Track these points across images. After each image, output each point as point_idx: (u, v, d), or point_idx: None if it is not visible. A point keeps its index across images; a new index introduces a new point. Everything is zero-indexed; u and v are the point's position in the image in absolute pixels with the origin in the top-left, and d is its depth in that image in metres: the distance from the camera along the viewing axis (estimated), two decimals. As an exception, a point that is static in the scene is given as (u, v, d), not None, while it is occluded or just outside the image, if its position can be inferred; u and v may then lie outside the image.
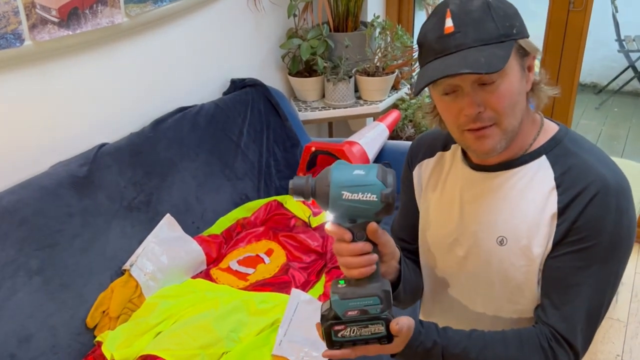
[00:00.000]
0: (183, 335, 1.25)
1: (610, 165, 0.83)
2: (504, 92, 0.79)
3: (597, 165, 0.82)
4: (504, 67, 0.76)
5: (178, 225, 1.65)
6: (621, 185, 0.81)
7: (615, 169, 0.83)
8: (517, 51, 0.81)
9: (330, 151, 1.94)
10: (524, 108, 0.83)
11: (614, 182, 0.80)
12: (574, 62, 2.39)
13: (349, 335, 0.78)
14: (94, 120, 1.65)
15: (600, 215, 0.80)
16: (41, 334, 1.28)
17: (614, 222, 0.80)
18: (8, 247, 1.28)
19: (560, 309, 0.84)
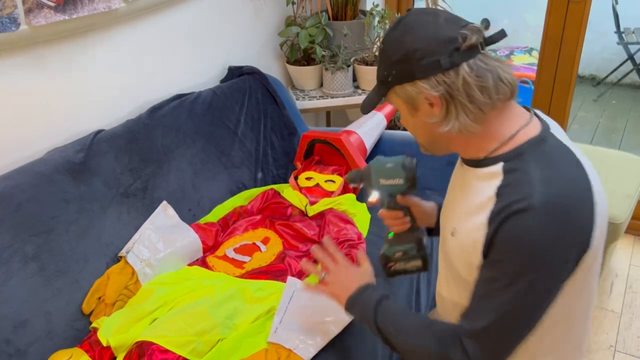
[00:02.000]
0: (179, 321, 1.25)
1: (554, 184, 0.79)
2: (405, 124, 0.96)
3: (537, 182, 0.80)
4: (371, 110, 0.97)
5: (175, 213, 1.64)
6: (552, 205, 0.78)
7: (557, 188, 0.79)
8: (399, 96, 0.90)
9: (328, 140, 1.94)
10: (437, 135, 0.90)
11: (542, 202, 0.78)
12: (573, 53, 2.38)
13: (397, 268, 1.17)
14: (91, 106, 1.64)
15: (515, 234, 0.79)
16: (36, 319, 1.28)
17: (529, 242, 0.78)
18: (3, 233, 1.27)
19: (468, 315, 0.89)
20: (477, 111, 0.85)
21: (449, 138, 0.90)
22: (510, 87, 0.85)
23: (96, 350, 1.26)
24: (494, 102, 0.85)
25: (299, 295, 1.38)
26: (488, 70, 0.83)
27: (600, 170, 2.05)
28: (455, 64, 0.83)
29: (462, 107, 0.84)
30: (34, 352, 1.25)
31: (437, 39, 0.84)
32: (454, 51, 0.83)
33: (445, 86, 0.84)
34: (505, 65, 0.86)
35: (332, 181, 1.89)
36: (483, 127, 0.87)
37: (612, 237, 1.87)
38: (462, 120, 0.85)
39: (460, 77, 0.83)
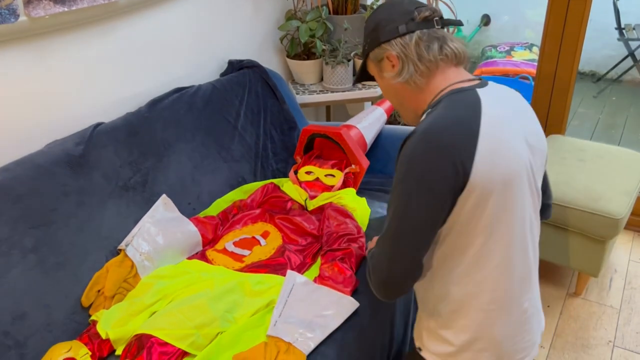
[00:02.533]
0: (178, 315, 1.25)
1: (439, 119, 0.97)
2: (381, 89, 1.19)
3: (430, 118, 0.99)
4: (359, 81, 1.28)
5: (174, 206, 1.64)
6: (428, 132, 0.95)
7: (438, 122, 0.96)
8: (372, 60, 1.16)
9: (328, 134, 1.93)
10: (403, 97, 1.13)
11: (422, 130, 0.96)
12: (573, 49, 2.38)
13: None
14: (90, 99, 1.64)
15: (401, 153, 0.99)
16: (35, 312, 1.27)
17: (406, 157, 0.97)
18: (2, 225, 1.27)
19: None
20: (424, 67, 1.07)
21: (405, 95, 1.12)
22: (454, 52, 1.07)
23: (95, 343, 1.26)
24: (437, 61, 1.07)
25: (299, 289, 1.38)
26: (436, 38, 1.07)
27: (600, 166, 2.06)
28: (410, 30, 1.07)
29: (412, 63, 1.07)
30: (32, 345, 1.24)
31: (398, 12, 1.09)
32: (410, 21, 1.08)
33: (401, 47, 1.08)
34: (456, 39, 1.10)
35: (332, 175, 1.89)
36: (427, 81, 1.08)
37: (611, 233, 1.87)
38: (411, 73, 1.07)
39: (413, 41, 1.07)
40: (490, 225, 0.99)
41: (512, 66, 4.30)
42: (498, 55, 4.66)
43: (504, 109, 1.02)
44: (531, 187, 1.05)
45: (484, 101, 1.00)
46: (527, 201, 1.03)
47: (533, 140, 1.06)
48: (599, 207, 1.88)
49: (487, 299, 1.03)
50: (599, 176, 2.03)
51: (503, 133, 0.98)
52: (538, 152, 1.07)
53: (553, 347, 1.91)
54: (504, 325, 1.05)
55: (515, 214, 1.00)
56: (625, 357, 1.85)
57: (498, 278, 1.02)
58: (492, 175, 0.95)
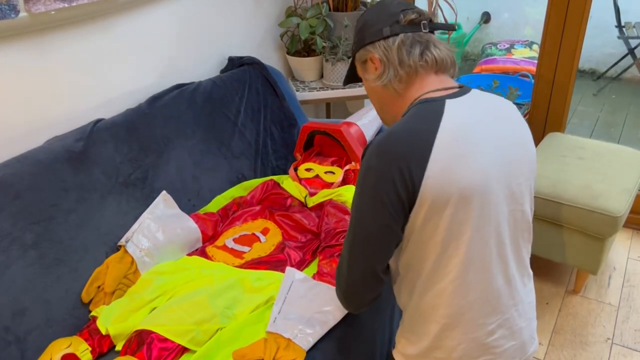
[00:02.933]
0: (178, 311, 1.25)
1: (393, 131, 0.96)
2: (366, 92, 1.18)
3: (391, 128, 0.99)
4: (347, 83, 1.28)
5: (174, 203, 1.64)
6: (381, 144, 0.96)
7: (392, 134, 0.96)
8: (358, 61, 1.16)
9: (328, 132, 1.93)
10: (383, 100, 1.12)
11: (377, 141, 0.97)
12: (573, 47, 2.37)
13: None
14: (90, 95, 1.64)
15: (361, 162, 1.00)
16: (36, 307, 1.28)
17: (363, 167, 0.98)
18: (2, 221, 1.27)
19: None
20: (404, 73, 1.05)
21: (385, 99, 1.11)
22: (435, 58, 1.05)
23: (95, 339, 1.27)
24: (417, 67, 1.05)
25: (298, 286, 1.38)
26: (419, 42, 1.05)
27: (599, 164, 2.06)
28: (394, 33, 1.06)
29: (393, 67, 1.06)
30: (33, 340, 1.25)
31: (384, 14, 1.08)
32: (395, 23, 1.06)
33: (383, 50, 1.06)
34: (442, 45, 1.07)
35: (331, 172, 1.89)
36: (405, 87, 1.07)
37: (611, 231, 1.87)
38: (390, 77, 1.06)
39: (396, 44, 1.05)
40: (443, 241, 0.96)
41: (512, 64, 4.30)
42: (498, 52, 4.66)
43: (471, 119, 0.98)
44: (506, 203, 1.00)
45: (448, 112, 0.97)
46: (496, 218, 0.98)
47: (514, 151, 1.01)
48: (598, 205, 1.88)
49: (442, 313, 1.01)
50: (598, 174, 2.04)
51: (462, 146, 0.94)
52: (521, 164, 1.03)
53: (551, 344, 1.91)
54: (462, 342, 1.02)
55: (476, 231, 0.96)
56: (624, 355, 1.85)
57: (453, 293, 0.99)
58: (445, 189, 0.93)
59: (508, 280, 1.04)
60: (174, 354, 1.18)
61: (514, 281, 1.05)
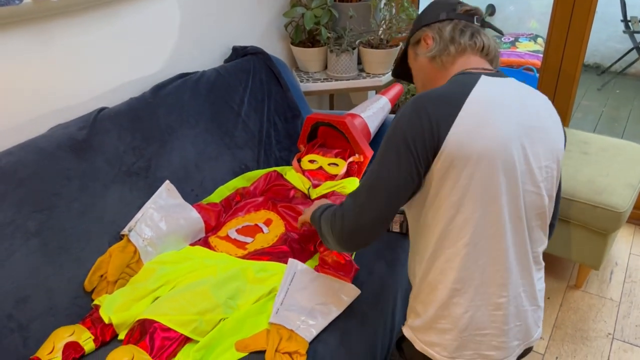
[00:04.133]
0: (181, 300, 1.25)
1: (429, 91, 1.04)
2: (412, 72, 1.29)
3: (427, 90, 1.07)
4: (397, 72, 1.41)
5: (177, 192, 1.64)
6: (415, 99, 1.03)
7: (426, 94, 1.03)
8: (411, 44, 1.27)
9: (332, 123, 1.93)
10: (428, 75, 1.21)
11: (413, 98, 1.04)
12: (580, 41, 2.36)
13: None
14: (93, 83, 1.63)
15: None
16: (38, 295, 1.27)
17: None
18: (6, 208, 1.27)
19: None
20: (453, 49, 1.15)
21: (430, 73, 1.20)
22: (484, 43, 1.15)
23: (98, 328, 1.27)
24: (465, 46, 1.15)
25: (300, 277, 1.38)
26: (471, 28, 1.17)
27: (603, 159, 2.05)
28: (450, 18, 1.18)
29: (444, 43, 1.16)
30: (35, 328, 1.25)
31: (443, 3, 1.21)
32: (452, 11, 1.19)
33: (437, 29, 1.18)
34: (491, 37, 1.18)
35: (335, 164, 1.88)
36: (452, 61, 1.16)
37: (614, 226, 1.87)
38: (440, 50, 1.16)
39: (450, 25, 1.17)
40: (459, 201, 1.00)
41: (516, 57, 4.28)
42: (503, 45, 4.63)
43: (501, 95, 1.03)
44: (523, 180, 1.03)
45: (480, 84, 1.04)
46: (514, 191, 1.01)
47: (538, 135, 1.04)
48: (601, 200, 1.88)
49: (452, 277, 1.03)
50: (602, 169, 2.03)
51: (487, 114, 0.99)
52: (544, 149, 1.05)
53: (552, 339, 1.91)
54: (468, 310, 1.04)
55: (489, 197, 0.99)
56: (624, 350, 1.86)
57: (465, 257, 1.02)
58: (465, 148, 0.97)
59: (521, 257, 1.07)
60: (177, 344, 1.18)
61: (527, 262, 1.08)
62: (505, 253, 1.03)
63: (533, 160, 1.04)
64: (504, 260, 1.03)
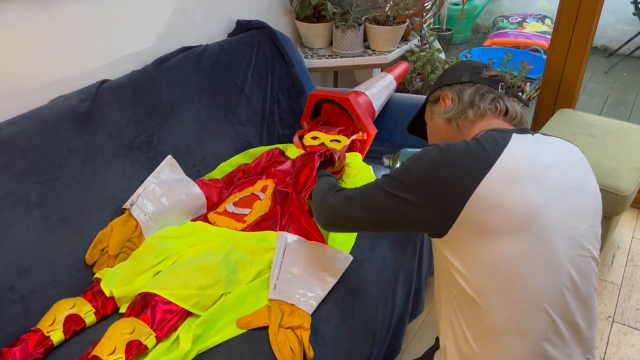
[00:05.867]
0: (182, 275, 1.24)
1: (458, 142, 0.96)
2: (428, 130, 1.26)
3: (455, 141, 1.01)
4: (412, 129, 1.41)
5: (179, 168, 1.62)
6: (448, 144, 0.95)
7: (450, 147, 0.95)
8: (430, 102, 1.24)
9: (336, 100, 1.90)
10: (442, 137, 1.16)
11: (445, 143, 0.97)
12: (589, 22, 2.32)
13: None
14: (95, 54, 1.60)
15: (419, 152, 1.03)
16: (40, 267, 1.27)
17: (416, 155, 0.98)
18: (7, 179, 1.26)
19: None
20: (472, 113, 1.10)
21: (446, 136, 1.15)
22: (507, 108, 1.08)
23: (99, 301, 1.26)
24: (485, 111, 1.09)
25: (291, 249, 1.38)
26: (493, 94, 1.11)
27: (610, 142, 2.03)
28: (472, 81, 1.13)
29: (463, 106, 1.11)
30: (37, 300, 1.25)
31: (468, 66, 1.17)
32: (476, 74, 1.14)
33: (458, 91, 1.14)
34: (516, 103, 1.12)
35: (337, 141, 1.86)
36: (469, 126, 1.10)
37: (618, 209, 1.86)
38: (457, 113, 1.12)
39: (472, 89, 1.12)
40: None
41: (523, 38, 4.23)
42: (510, 26, 4.57)
43: (534, 153, 0.94)
44: (569, 245, 0.92)
45: (513, 142, 0.94)
46: (556, 259, 0.90)
47: (577, 194, 0.95)
48: (607, 183, 1.86)
49: None
50: (608, 152, 2.01)
51: (521, 174, 0.90)
52: (585, 209, 0.95)
53: (552, 321, 1.92)
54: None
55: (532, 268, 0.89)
56: (624, 333, 1.86)
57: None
58: (492, 211, 0.88)
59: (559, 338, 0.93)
60: (178, 317, 1.18)
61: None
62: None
63: (576, 226, 0.93)
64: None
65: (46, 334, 1.17)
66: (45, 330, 1.17)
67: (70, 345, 1.19)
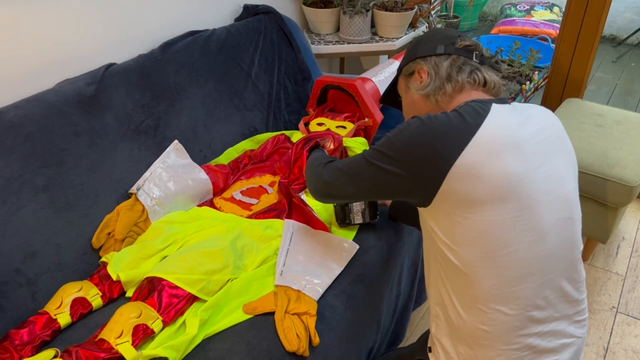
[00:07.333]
0: (189, 260, 1.24)
1: (437, 114, 0.96)
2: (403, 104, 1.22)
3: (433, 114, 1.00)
4: (385, 101, 1.37)
5: (186, 153, 1.62)
6: (429, 116, 0.96)
7: (436, 115, 0.96)
8: (403, 75, 1.20)
9: (342, 86, 1.89)
10: (419, 112, 1.13)
11: (417, 117, 0.97)
12: (599, 10, 2.29)
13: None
14: (101, 38, 1.59)
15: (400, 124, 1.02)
16: (46, 251, 1.27)
17: (398, 127, 0.98)
18: (13, 162, 1.26)
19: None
20: (450, 88, 1.07)
21: (423, 109, 1.12)
22: (485, 79, 1.06)
23: (105, 284, 1.27)
24: (464, 84, 1.06)
25: (298, 236, 1.38)
26: (470, 65, 1.08)
27: (618, 133, 2.02)
28: (448, 52, 1.09)
29: (440, 80, 1.08)
30: (43, 283, 1.25)
31: (441, 36, 1.13)
32: (450, 45, 1.10)
33: (434, 64, 1.10)
34: (493, 72, 1.09)
35: (343, 127, 1.85)
36: (448, 101, 1.08)
37: (625, 200, 1.85)
38: (435, 89, 1.09)
39: (447, 61, 1.09)
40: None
41: (531, 26, 4.19)
42: (517, 14, 4.53)
43: (513, 123, 0.95)
44: (555, 209, 0.95)
45: (493, 112, 0.95)
46: (539, 224, 0.92)
47: (558, 160, 0.98)
48: (614, 174, 1.85)
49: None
50: (616, 142, 2.00)
51: (501, 145, 0.91)
52: (566, 171, 0.99)
53: (556, 310, 1.92)
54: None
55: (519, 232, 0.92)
56: (628, 323, 1.86)
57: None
58: (473, 183, 0.89)
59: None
60: (184, 302, 1.18)
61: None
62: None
63: (560, 188, 0.97)
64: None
65: (53, 316, 1.18)
66: (53, 313, 1.18)
67: (77, 327, 1.20)
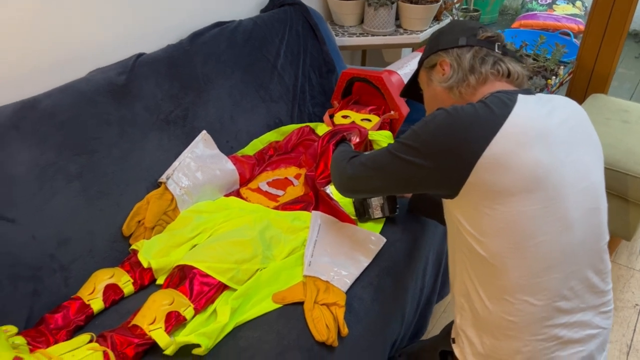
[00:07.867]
0: (219, 249, 1.26)
1: (465, 106, 0.96)
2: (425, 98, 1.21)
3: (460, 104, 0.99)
4: (407, 94, 1.34)
5: (214, 143, 1.63)
6: (455, 107, 0.95)
7: (460, 109, 0.95)
8: (425, 67, 1.18)
9: (368, 78, 1.88)
10: (447, 101, 1.10)
11: (452, 106, 0.97)
12: (627, 7, 2.26)
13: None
14: (131, 28, 1.60)
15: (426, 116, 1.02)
16: (79, 237, 1.29)
17: (424, 119, 0.98)
18: (47, 150, 1.27)
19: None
20: (473, 80, 1.06)
21: (446, 102, 1.09)
22: (509, 70, 1.05)
23: (137, 272, 1.29)
24: (487, 75, 1.05)
25: (325, 228, 1.39)
26: (493, 56, 1.07)
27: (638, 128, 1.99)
28: (470, 44, 1.08)
29: (463, 72, 1.07)
30: (76, 269, 1.27)
31: (462, 27, 1.12)
32: (472, 36, 1.09)
33: (456, 56, 1.09)
34: (517, 63, 1.08)
35: (368, 120, 1.85)
36: (472, 93, 1.06)
37: (650, 197, 1.83)
38: (458, 81, 1.07)
39: (470, 53, 1.07)
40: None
41: (553, 20, 4.14)
42: (539, 8, 4.48)
43: (540, 114, 0.95)
44: (584, 199, 0.95)
45: (520, 104, 0.94)
46: (569, 214, 0.92)
47: (585, 150, 0.98)
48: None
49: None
50: (643, 139, 1.98)
51: (528, 136, 0.90)
52: (594, 163, 1.00)
53: (578, 307, 1.91)
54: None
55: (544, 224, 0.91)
56: (651, 321, 1.85)
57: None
58: (500, 174, 0.88)
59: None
60: (215, 290, 1.19)
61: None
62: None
63: (586, 179, 0.96)
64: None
65: (86, 302, 1.20)
66: (86, 299, 1.20)
67: (110, 313, 1.22)
